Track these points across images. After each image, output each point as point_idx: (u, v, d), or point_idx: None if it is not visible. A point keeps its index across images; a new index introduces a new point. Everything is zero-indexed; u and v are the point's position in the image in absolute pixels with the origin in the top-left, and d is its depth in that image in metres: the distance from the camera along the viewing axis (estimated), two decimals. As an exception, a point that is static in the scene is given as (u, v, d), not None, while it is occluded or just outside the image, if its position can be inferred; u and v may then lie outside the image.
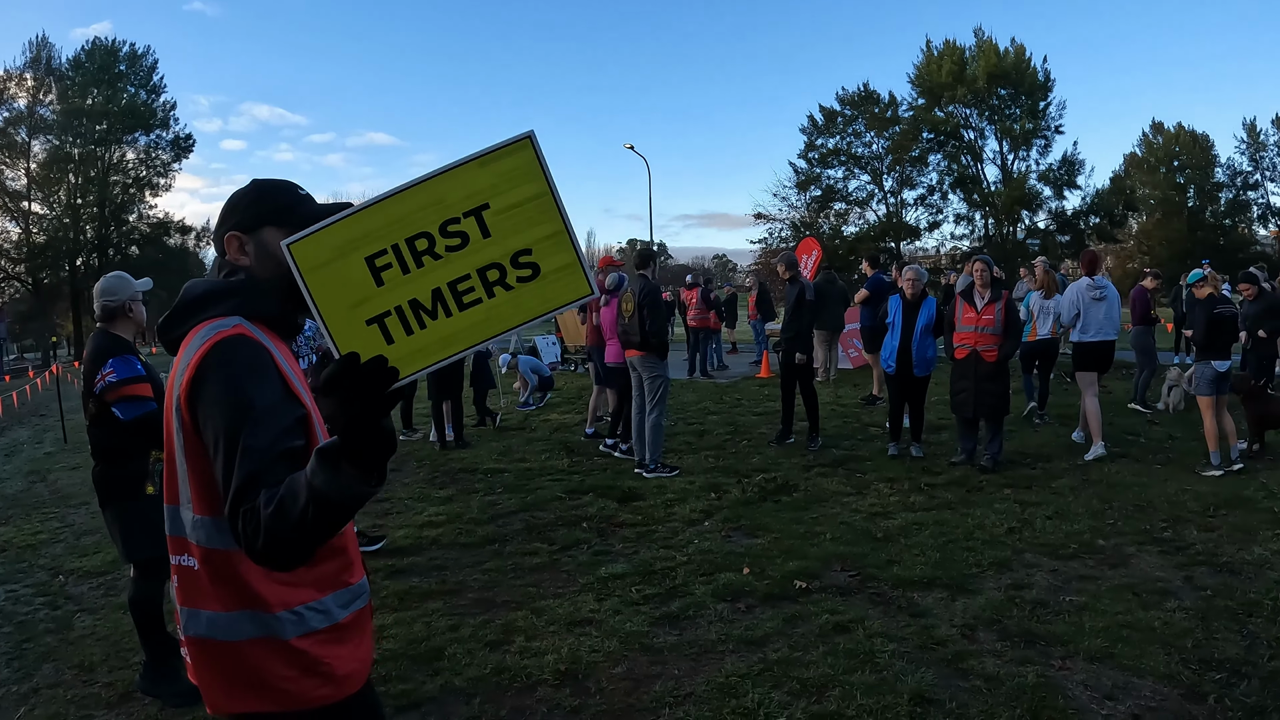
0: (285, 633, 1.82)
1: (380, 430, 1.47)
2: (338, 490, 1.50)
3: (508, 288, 1.60)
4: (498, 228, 1.58)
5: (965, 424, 8.76)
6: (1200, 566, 5.64)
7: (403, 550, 6.49)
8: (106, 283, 4.44)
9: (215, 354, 1.74)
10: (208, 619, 1.82)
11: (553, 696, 4.14)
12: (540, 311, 1.61)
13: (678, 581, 5.63)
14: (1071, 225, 53.36)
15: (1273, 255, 51.83)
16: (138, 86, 50.57)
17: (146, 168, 51.21)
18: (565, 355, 20.25)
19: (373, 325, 1.56)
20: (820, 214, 57.00)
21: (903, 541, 6.30)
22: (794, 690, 4.09)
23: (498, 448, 10.43)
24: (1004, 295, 8.52)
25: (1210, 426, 8.28)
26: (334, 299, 1.55)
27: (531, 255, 1.59)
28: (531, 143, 1.59)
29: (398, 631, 4.94)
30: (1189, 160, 60.30)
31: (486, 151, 1.58)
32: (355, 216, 1.54)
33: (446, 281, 1.57)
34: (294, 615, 1.83)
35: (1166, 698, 3.95)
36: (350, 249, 1.55)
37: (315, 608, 1.86)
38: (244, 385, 1.71)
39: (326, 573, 1.91)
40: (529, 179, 1.59)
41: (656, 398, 8.66)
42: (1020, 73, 52.41)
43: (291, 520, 1.52)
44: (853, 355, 17.08)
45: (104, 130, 48.13)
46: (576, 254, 1.60)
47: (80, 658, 4.84)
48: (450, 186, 1.57)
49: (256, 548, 1.56)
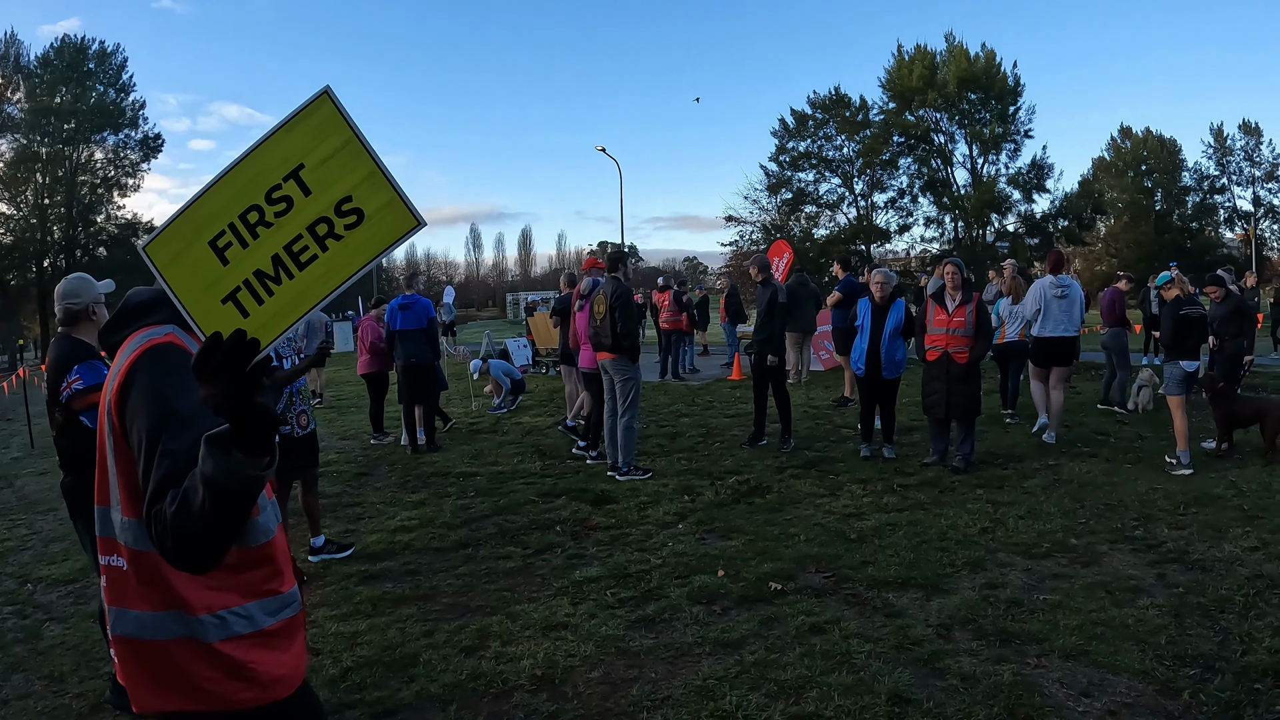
0: (208, 636, 1.85)
1: (256, 405, 1.45)
2: (228, 474, 1.47)
3: (338, 238, 1.65)
4: (316, 183, 1.65)
5: (937, 425, 8.79)
6: (1172, 564, 5.68)
7: (375, 555, 6.43)
8: (68, 285, 4.29)
9: (144, 360, 1.81)
10: (135, 618, 1.86)
11: (529, 702, 4.11)
12: (375, 252, 1.67)
13: (652, 584, 5.60)
14: (1040, 228, 53.92)
15: (1239, 258, 52.60)
16: (107, 85, 50.15)
17: (115, 168, 50.79)
18: (537, 358, 20.19)
19: (228, 303, 1.64)
20: (791, 217, 57.32)
21: (876, 542, 6.30)
22: (771, 692, 4.08)
23: (470, 451, 10.37)
24: (975, 297, 8.56)
25: (1180, 426, 8.37)
26: (191, 286, 1.64)
27: (353, 201, 1.65)
28: (329, 97, 1.66)
29: (372, 638, 4.89)
30: (1157, 164, 61.18)
31: (290, 116, 1.65)
32: (192, 207, 1.63)
33: (282, 246, 1.64)
34: (216, 619, 1.86)
35: (1141, 694, 3.96)
36: (194, 237, 1.64)
37: (239, 613, 1.89)
38: (168, 391, 1.75)
39: (252, 580, 1.93)
40: (334, 131, 1.65)
41: (628, 401, 8.63)
42: (990, 77, 52.92)
43: (194, 514, 1.52)
44: (824, 357, 17.13)
45: (72, 129, 47.69)
46: (395, 190, 1.66)
47: (50, 668, 4.75)
48: (266, 156, 1.64)
49: (167, 547, 1.58)
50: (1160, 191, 61.37)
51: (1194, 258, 50.40)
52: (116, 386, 1.82)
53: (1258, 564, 5.61)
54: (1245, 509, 6.84)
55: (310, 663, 4.56)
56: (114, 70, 50.48)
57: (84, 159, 48.92)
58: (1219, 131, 60.05)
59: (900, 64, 54.75)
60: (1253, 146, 59.22)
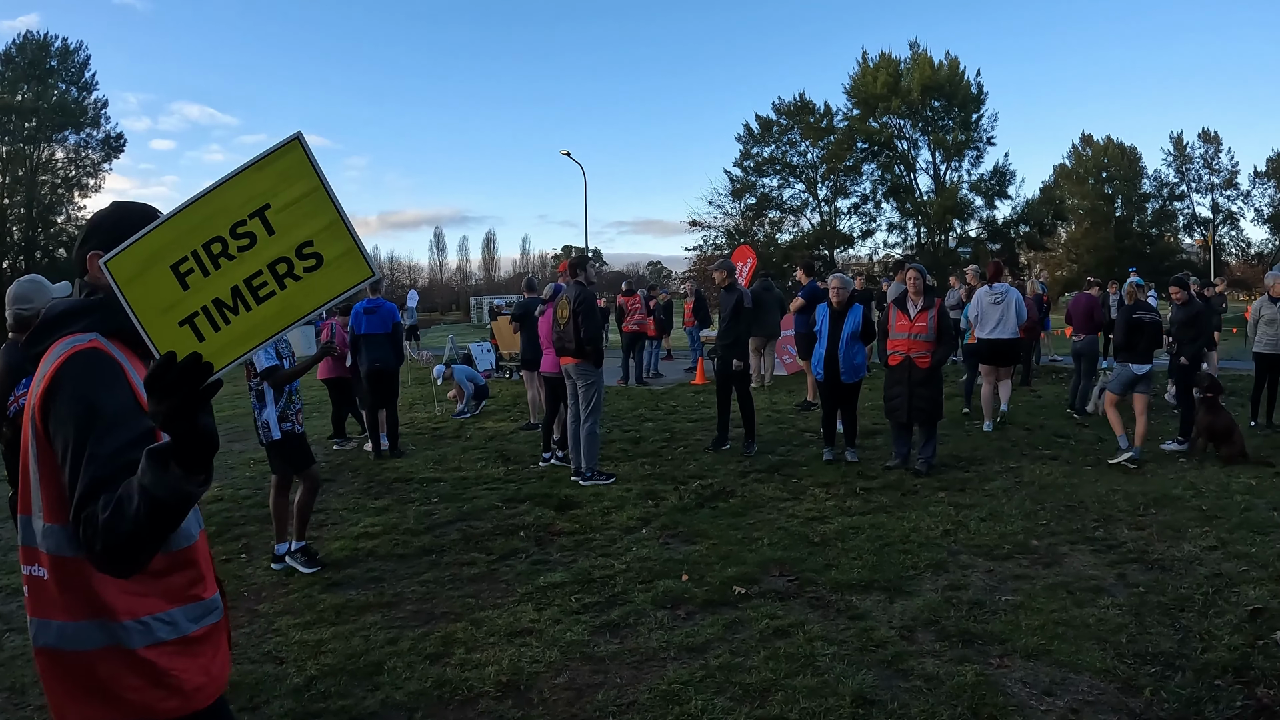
0: (132, 642, 1.84)
1: (198, 426, 1.54)
2: (164, 488, 1.54)
3: (296, 278, 1.73)
4: (280, 224, 1.72)
5: (899, 429, 8.85)
6: (1132, 564, 5.75)
7: (339, 563, 6.35)
8: (19, 289, 4.15)
9: (68, 367, 1.81)
10: (57, 629, 1.85)
11: (495, 709, 4.07)
12: (329, 297, 1.76)
13: (617, 589, 5.58)
14: (1002, 234, 54.52)
15: (1198, 264, 53.47)
16: (69, 83, 49.38)
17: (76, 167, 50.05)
18: (500, 363, 20.09)
19: (184, 326, 1.69)
20: (755, 221, 57.56)
21: (840, 545, 6.33)
22: (736, 695, 4.07)
23: (433, 456, 10.29)
24: (936, 303, 8.63)
25: (1114, 419, 8.92)
26: (149, 305, 1.69)
27: (314, 246, 1.73)
28: (300, 143, 1.72)
29: (336, 646, 4.83)
30: (1117, 171, 62.08)
31: (261, 156, 1.72)
32: (157, 230, 1.70)
33: (243, 279, 1.71)
34: (140, 625, 1.86)
35: (1104, 692, 4.00)
36: (156, 259, 1.69)
37: (162, 619, 1.89)
38: (93, 396, 1.78)
39: (175, 585, 1.94)
40: (302, 176, 1.72)
41: (591, 405, 8.60)
42: (954, 85, 53.48)
43: (126, 521, 1.57)
44: (788, 362, 17.20)
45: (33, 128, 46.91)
46: (354, 240, 1.73)
47: (11, 679, 4.63)
48: (235, 192, 1.71)
49: (96, 550, 1.61)
50: (1120, 198, 62.24)
51: (1153, 263, 51.15)
52: (41, 392, 1.82)
53: (1216, 563, 5.69)
54: (1204, 509, 6.94)
55: (274, 671, 4.51)
56: (76, 68, 49.73)
57: (44, 158, 48.16)
58: (1179, 139, 61.05)
59: (865, 71, 55.17)
60: (1212, 154, 60.29)
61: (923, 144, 55.67)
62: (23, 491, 1.92)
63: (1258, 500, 7.16)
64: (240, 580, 6.04)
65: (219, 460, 10.36)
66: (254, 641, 4.96)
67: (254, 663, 4.66)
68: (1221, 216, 60.41)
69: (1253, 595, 5.09)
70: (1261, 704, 3.84)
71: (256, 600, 5.66)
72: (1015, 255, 55.32)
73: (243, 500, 8.39)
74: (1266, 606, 4.92)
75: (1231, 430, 8.70)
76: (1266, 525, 6.48)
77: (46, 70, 47.90)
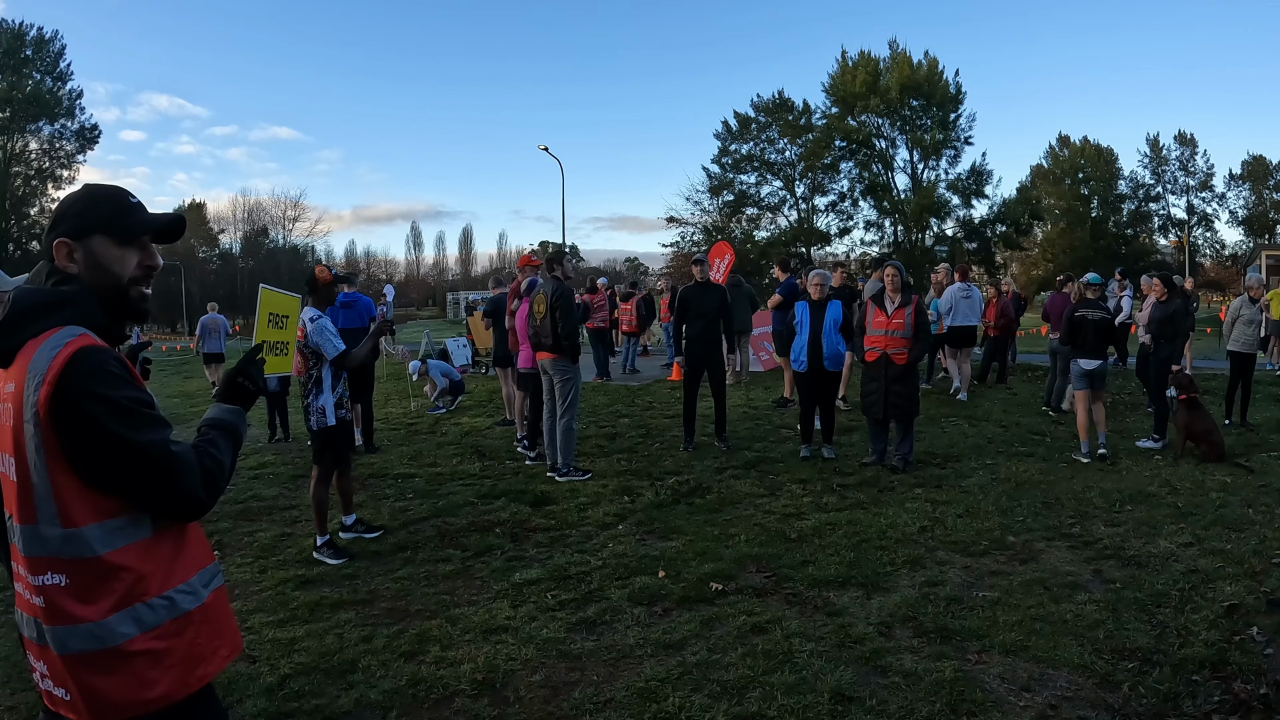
0: (159, 619, 1.90)
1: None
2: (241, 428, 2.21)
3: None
4: None
5: (876, 425, 8.85)
6: (1108, 560, 5.76)
7: (312, 560, 6.27)
8: None
9: (81, 367, 1.80)
10: (86, 632, 1.83)
11: (471, 707, 4.02)
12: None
13: (593, 586, 5.54)
14: (979, 233, 54.90)
15: (1172, 264, 54.01)
16: (43, 73, 48.78)
17: (50, 158, 49.58)
18: (476, 358, 19.99)
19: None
20: (732, 218, 57.66)
21: (816, 542, 6.31)
22: (714, 693, 4.04)
23: (408, 452, 10.21)
24: (914, 300, 8.63)
25: (1081, 419, 9.03)
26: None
27: None
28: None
29: (309, 644, 4.75)
30: (1093, 172, 62.71)
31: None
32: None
33: None
34: (165, 601, 1.91)
35: (1081, 687, 4.00)
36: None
37: (184, 590, 1.97)
38: (115, 393, 1.82)
39: (192, 552, 2.03)
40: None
41: (568, 401, 8.54)
42: (932, 85, 53.80)
43: (226, 466, 2.04)
44: (764, 358, 17.19)
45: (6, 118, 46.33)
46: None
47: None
48: None
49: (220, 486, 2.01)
50: (1096, 199, 62.87)
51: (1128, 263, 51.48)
52: (46, 396, 1.77)
53: (1192, 559, 5.71)
54: (1179, 506, 6.97)
55: (246, 670, 4.44)
56: (52, 58, 49.15)
57: (18, 149, 47.66)
58: (1155, 142, 61.76)
59: (844, 69, 55.39)
60: (1187, 157, 61.06)
61: (901, 143, 56.03)
62: (22, 502, 1.85)
63: (1232, 497, 7.19)
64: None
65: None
66: (225, 639, 4.87)
67: (225, 661, 4.57)
68: (1196, 218, 61.13)
69: (1229, 591, 5.11)
70: (1239, 699, 3.84)
71: (230, 598, 5.56)
72: (991, 254, 55.73)
73: (215, 496, 8.27)
74: (1242, 602, 4.93)
75: (1211, 430, 8.76)
76: (1241, 522, 6.51)
77: (21, 60, 47.31)
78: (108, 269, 1.98)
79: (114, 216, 1.99)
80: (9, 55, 46.57)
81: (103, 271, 1.97)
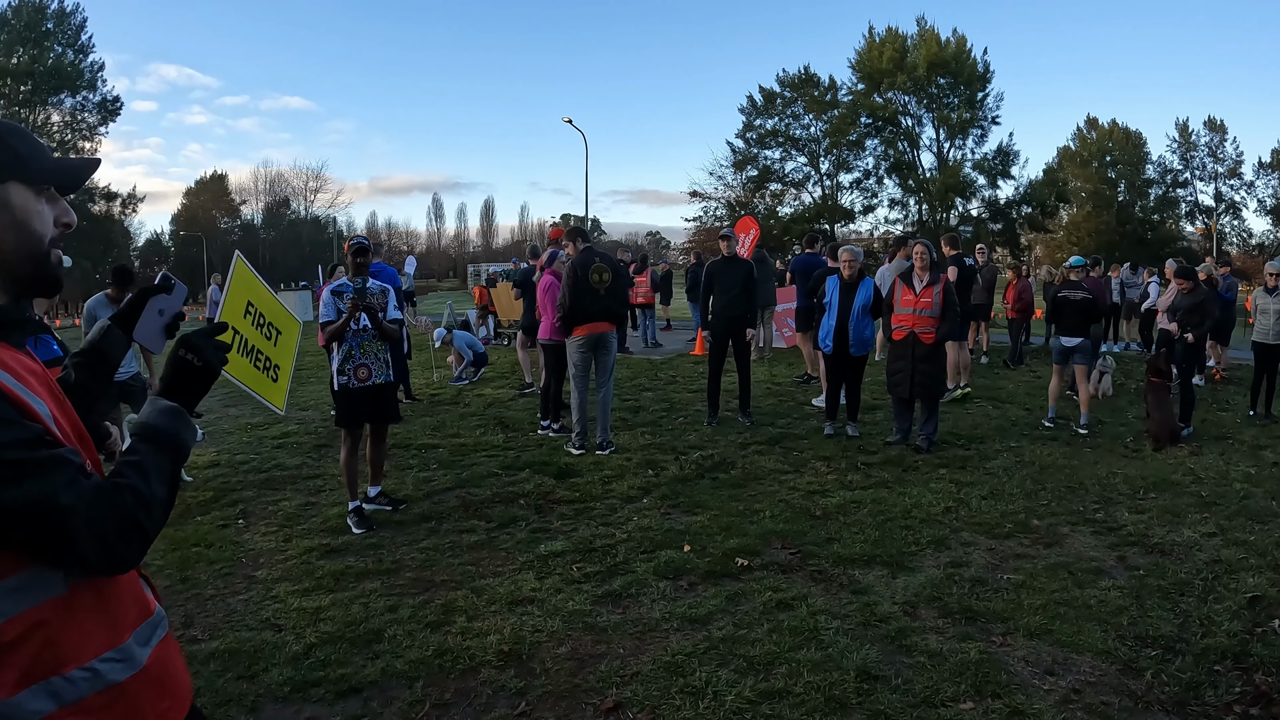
0: (80, 693, 1.46)
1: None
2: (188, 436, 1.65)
3: None
4: None
5: (901, 404, 8.82)
6: (1132, 547, 5.75)
7: (337, 529, 6.33)
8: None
9: None
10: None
11: (497, 678, 4.06)
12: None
13: (618, 559, 5.57)
14: (1004, 214, 54.50)
15: (1198, 251, 53.45)
16: (65, 46, 48.84)
17: (72, 131, 49.64)
18: (499, 330, 20.03)
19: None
20: (756, 194, 57.41)
21: (841, 519, 6.32)
22: (740, 668, 4.07)
23: (431, 423, 10.26)
24: (942, 279, 8.58)
25: (1053, 388, 9.99)
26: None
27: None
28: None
29: (335, 613, 4.80)
30: (1121, 156, 61.91)
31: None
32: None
33: None
34: (88, 673, 1.47)
35: (1105, 673, 4.00)
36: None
37: (113, 657, 1.51)
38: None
39: (124, 603, 1.59)
40: None
41: (610, 372, 8.57)
42: (960, 63, 53.26)
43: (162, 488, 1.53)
44: (787, 335, 17.15)
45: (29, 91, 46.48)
46: None
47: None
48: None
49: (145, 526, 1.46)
50: (1123, 183, 62.12)
51: (1154, 249, 51.18)
52: None
53: (1215, 549, 5.69)
54: (1203, 495, 6.94)
55: (272, 639, 4.49)
56: (73, 30, 49.18)
57: (40, 122, 47.75)
58: (1184, 127, 60.85)
59: (871, 46, 54.90)
60: (1216, 143, 60.13)
61: (927, 121, 55.59)
62: None
63: (1255, 489, 7.14)
64: (237, 546, 6.01)
65: (216, 425, 10.34)
66: (252, 608, 4.94)
67: (252, 630, 4.64)
68: (1224, 206, 60.33)
69: (1251, 583, 5.09)
70: (1260, 690, 3.83)
71: (254, 567, 5.63)
72: (1016, 235, 55.29)
73: (239, 465, 8.37)
74: (1265, 594, 4.91)
75: (1160, 414, 8.93)
76: (1264, 514, 6.47)
77: (43, 33, 47.35)
78: (27, 227, 1.50)
79: (26, 159, 1.50)
80: (30, 29, 46.61)
81: (21, 232, 1.49)
